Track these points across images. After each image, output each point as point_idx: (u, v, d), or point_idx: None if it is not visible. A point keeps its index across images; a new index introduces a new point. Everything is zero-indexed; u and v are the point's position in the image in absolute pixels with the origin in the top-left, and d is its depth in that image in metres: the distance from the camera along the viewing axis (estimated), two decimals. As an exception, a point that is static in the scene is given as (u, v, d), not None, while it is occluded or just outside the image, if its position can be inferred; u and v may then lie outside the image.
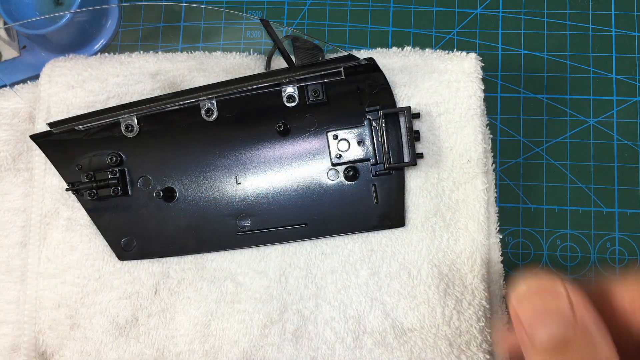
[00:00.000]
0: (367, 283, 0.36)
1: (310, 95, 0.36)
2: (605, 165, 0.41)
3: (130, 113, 0.36)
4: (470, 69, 0.37)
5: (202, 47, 0.45)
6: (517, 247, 0.41)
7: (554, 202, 0.41)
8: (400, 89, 0.37)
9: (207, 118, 0.37)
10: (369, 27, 0.45)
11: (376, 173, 0.36)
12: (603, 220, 0.41)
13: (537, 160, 0.42)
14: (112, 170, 0.37)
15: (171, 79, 0.39)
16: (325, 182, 0.37)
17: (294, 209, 0.37)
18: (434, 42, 0.44)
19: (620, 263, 0.40)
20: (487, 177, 0.37)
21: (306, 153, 0.37)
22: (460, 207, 0.36)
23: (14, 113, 0.40)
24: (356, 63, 0.35)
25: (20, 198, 0.39)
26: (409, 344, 0.35)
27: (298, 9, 0.45)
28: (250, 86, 0.35)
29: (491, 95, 0.43)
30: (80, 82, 0.39)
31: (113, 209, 0.37)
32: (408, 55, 0.38)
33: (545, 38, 0.43)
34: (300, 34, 0.38)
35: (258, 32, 0.45)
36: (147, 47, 0.45)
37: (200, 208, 0.37)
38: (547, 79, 0.43)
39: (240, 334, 0.36)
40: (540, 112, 0.42)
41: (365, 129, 0.36)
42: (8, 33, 0.44)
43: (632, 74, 0.42)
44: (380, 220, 0.36)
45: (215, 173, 0.37)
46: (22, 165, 0.40)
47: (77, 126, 0.36)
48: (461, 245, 0.36)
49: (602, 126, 0.42)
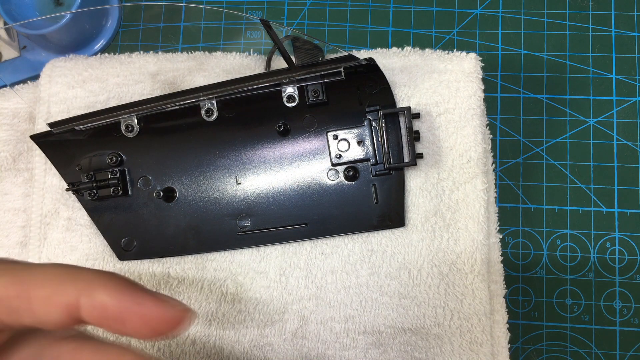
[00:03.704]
0: (367, 283, 0.36)
1: (310, 95, 0.36)
2: (605, 165, 0.41)
3: (130, 113, 0.36)
4: (470, 69, 0.37)
5: (202, 47, 0.45)
6: (517, 247, 0.41)
7: (554, 202, 0.41)
8: (400, 89, 0.37)
9: (207, 118, 0.37)
10: (369, 27, 0.45)
11: (376, 173, 0.36)
12: (603, 220, 0.41)
13: (537, 160, 0.42)
14: (112, 170, 0.37)
15: (171, 79, 0.39)
16: (325, 182, 0.37)
17: (294, 209, 0.37)
18: (434, 42, 0.44)
19: (620, 263, 0.40)
20: (487, 177, 0.37)
21: (306, 153, 0.37)
22: (460, 207, 0.36)
23: (14, 113, 0.40)
24: (356, 63, 0.35)
25: (20, 198, 0.39)
26: (409, 344, 0.35)
27: (298, 9, 0.45)
28: (250, 86, 0.35)
29: (491, 95, 0.43)
30: (80, 82, 0.39)
31: (113, 209, 0.37)
32: (408, 56, 0.38)
33: (545, 38, 0.43)
34: (300, 34, 0.38)
35: (258, 32, 0.45)
36: (147, 47, 0.45)
37: (200, 208, 0.37)
38: (547, 79, 0.43)
39: (240, 334, 0.36)
40: (540, 112, 0.42)
41: (365, 129, 0.36)
42: (8, 33, 0.44)
43: (632, 74, 0.42)
44: (380, 220, 0.36)
45: (215, 173, 0.37)
46: (23, 166, 0.40)
47: (77, 126, 0.36)
48: (461, 245, 0.36)
49: (602, 126, 0.42)
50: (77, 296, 0.22)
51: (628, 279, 0.40)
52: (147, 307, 0.22)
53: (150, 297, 0.23)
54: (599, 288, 0.40)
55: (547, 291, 0.40)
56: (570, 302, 0.40)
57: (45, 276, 0.22)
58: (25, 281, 0.22)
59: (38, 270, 0.22)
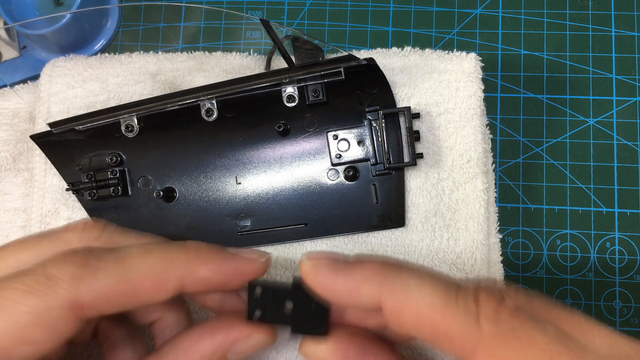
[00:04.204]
0: (367, 283, 0.36)
1: (310, 95, 0.36)
2: (605, 165, 0.41)
3: (130, 113, 0.36)
4: (470, 69, 0.37)
5: (202, 47, 0.45)
6: (517, 247, 0.41)
7: (554, 202, 0.41)
8: (400, 89, 0.37)
9: (207, 118, 0.37)
10: (369, 27, 0.45)
11: (376, 173, 0.36)
12: (603, 220, 0.41)
13: (537, 160, 0.42)
14: (112, 170, 0.37)
15: (171, 79, 0.39)
16: (325, 182, 0.37)
17: (294, 209, 0.37)
18: (434, 42, 0.44)
19: (620, 263, 0.40)
20: (487, 177, 0.37)
21: (306, 153, 0.37)
22: (460, 207, 0.36)
23: (14, 113, 0.40)
24: (356, 63, 0.35)
25: (20, 198, 0.39)
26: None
27: (298, 9, 0.45)
28: (250, 86, 0.35)
29: (491, 95, 0.43)
30: (80, 82, 0.39)
31: (113, 209, 0.37)
32: (408, 55, 0.38)
33: (545, 38, 0.43)
34: (300, 34, 0.38)
35: (258, 32, 0.45)
36: (147, 47, 0.45)
37: (200, 208, 0.37)
38: (547, 79, 0.43)
39: (240, 334, 0.36)
40: (540, 112, 0.42)
41: (365, 129, 0.36)
42: (8, 33, 0.44)
43: (632, 74, 0.42)
44: (380, 220, 0.36)
45: (215, 173, 0.37)
46: (23, 165, 0.40)
47: (77, 126, 0.36)
48: (461, 246, 0.36)
49: (602, 126, 0.42)
50: (182, 279, 0.25)
51: (628, 279, 0.40)
52: (241, 268, 0.26)
53: (239, 259, 0.26)
54: (599, 288, 0.40)
55: (547, 291, 0.40)
56: (570, 302, 0.40)
57: (149, 267, 0.24)
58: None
59: (139, 259, 0.25)
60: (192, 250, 0.26)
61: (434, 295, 0.21)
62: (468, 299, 0.21)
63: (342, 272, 0.24)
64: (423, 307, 0.21)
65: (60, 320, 0.23)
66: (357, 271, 0.24)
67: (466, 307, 0.21)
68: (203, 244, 0.27)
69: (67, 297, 0.22)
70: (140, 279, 0.24)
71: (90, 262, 0.24)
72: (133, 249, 0.25)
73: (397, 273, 0.23)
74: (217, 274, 0.26)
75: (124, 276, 0.24)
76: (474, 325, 0.20)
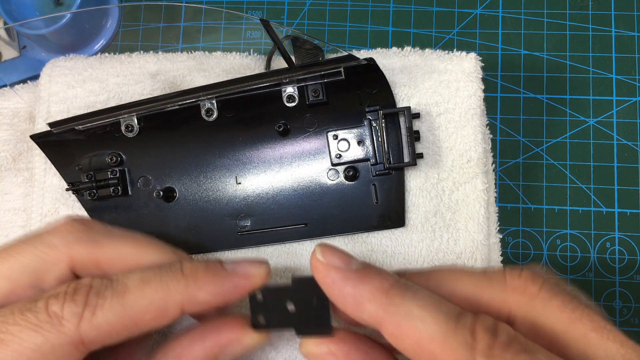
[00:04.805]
0: (367, 283, 0.36)
1: (310, 95, 0.36)
2: (605, 165, 0.41)
3: (130, 113, 0.36)
4: (470, 69, 0.37)
5: (202, 47, 0.45)
6: (517, 247, 0.41)
7: (554, 202, 0.41)
8: (400, 89, 0.37)
9: (207, 118, 0.37)
10: (369, 27, 0.45)
11: (376, 173, 0.36)
12: (603, 220, 0.41)
13: (537, 160, 0.42)
14: (112, 170, 0.37)
15: (171, 79, 0.39)
16: (325, 182, 0.37)
17: (294, 209, 0.37)
18: (434, 42, 0.44)
19: (620, 263, 0.40)
20: (487, 177, 0.37)
21: (306, 153, 0.37)
22: (460, 207, 0.36)
23: (14, 113, 0.40)
24: (356, 63, 0.35)
25: (20, 198, 0.39)
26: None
27: (298, 9, 0.45)
28: (250, 86, 0.35)
29: (491, 95, 0.43)
30: (80, 82, 0.39)
31: (113, 209, 0.37)
32: (408, 55, 0.38)
33: (545, 38, 0.43)
34: (300, 34, 0.38)
35: (258, 32, 0.45)
36: (147, 47, 0.45)
37: (200, 208, 0.37)
38: (547, 79, 0.43)
39: (240, 334, 0.36)
40: (540, 112, 0.42)
41: (365, 129, 0.36)
42: (8, 33, 0.44)
43: (632, 74, 0.42)
44: (380, 220, 0.36)
45: (215, 173, 0.37)
46: (22, 165, 0.40)
47: (77, 126, 0.36)
48: (461, 246, 0.36)
49: (602, 126, 0.42)
50: (181, 305, 0.25)
51: (628, 279, 0.40)
52: (240, 286, 0.26)
53: (237, 277, 0.27)
54: (599, 288, 0.40)
55: (547, 291, 0.40)
56: (570, 302, 0.40)
57: (148, 301, 0.25)
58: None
59: (138, 293, 0.25)
60: (190, 276, 0.26)
61: (435, 326, 0.22)
62: (465, 332, 0.22)
63: (351, 281, 0.24)
64: (424, 338, 0.22)
65: (64, 357, 0.23)
66: (364, 285, 0.24)
67: (464, 341, 0.21)
68: (200, 265, 0.27)
69: (70, 336, 0.23)
70: (140, 312, 0.25)
71: (90, 301, 0.24)
72: (130, 280, 0.25)
73: (401, 299, 0.23)
74: (216, 296, 0.26)
75: (124, 312, 0.24)
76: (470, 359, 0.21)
